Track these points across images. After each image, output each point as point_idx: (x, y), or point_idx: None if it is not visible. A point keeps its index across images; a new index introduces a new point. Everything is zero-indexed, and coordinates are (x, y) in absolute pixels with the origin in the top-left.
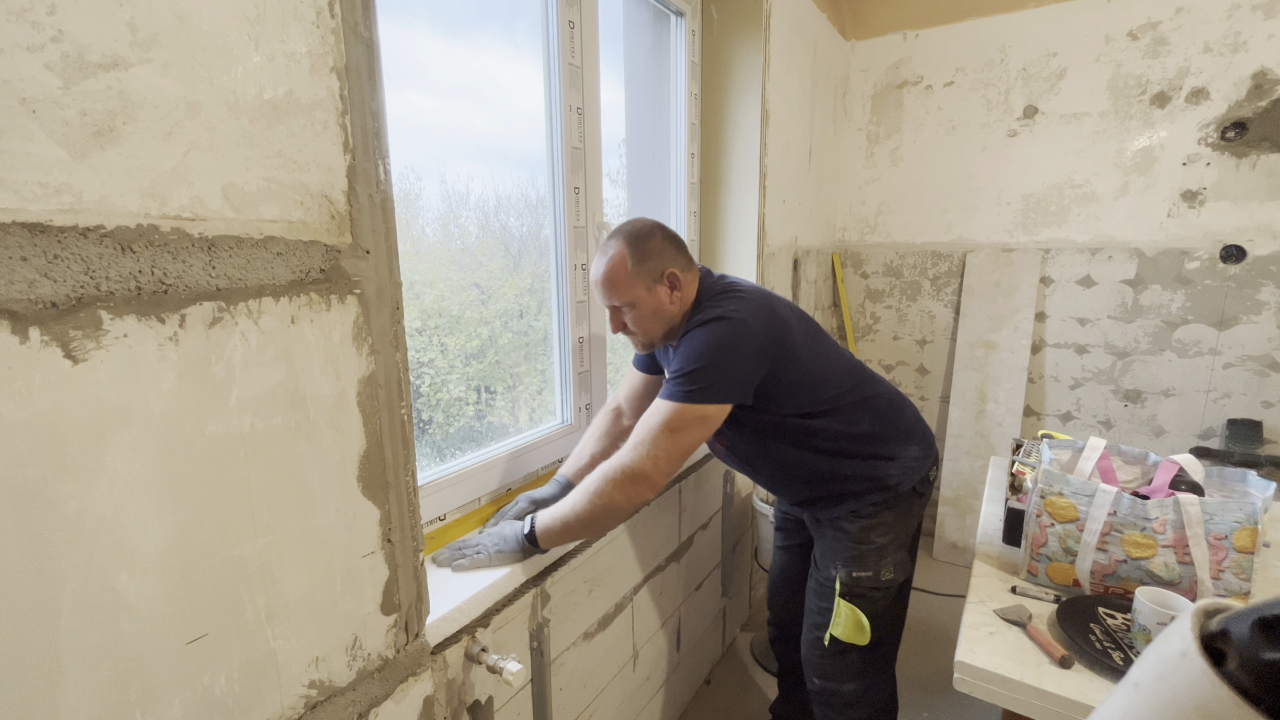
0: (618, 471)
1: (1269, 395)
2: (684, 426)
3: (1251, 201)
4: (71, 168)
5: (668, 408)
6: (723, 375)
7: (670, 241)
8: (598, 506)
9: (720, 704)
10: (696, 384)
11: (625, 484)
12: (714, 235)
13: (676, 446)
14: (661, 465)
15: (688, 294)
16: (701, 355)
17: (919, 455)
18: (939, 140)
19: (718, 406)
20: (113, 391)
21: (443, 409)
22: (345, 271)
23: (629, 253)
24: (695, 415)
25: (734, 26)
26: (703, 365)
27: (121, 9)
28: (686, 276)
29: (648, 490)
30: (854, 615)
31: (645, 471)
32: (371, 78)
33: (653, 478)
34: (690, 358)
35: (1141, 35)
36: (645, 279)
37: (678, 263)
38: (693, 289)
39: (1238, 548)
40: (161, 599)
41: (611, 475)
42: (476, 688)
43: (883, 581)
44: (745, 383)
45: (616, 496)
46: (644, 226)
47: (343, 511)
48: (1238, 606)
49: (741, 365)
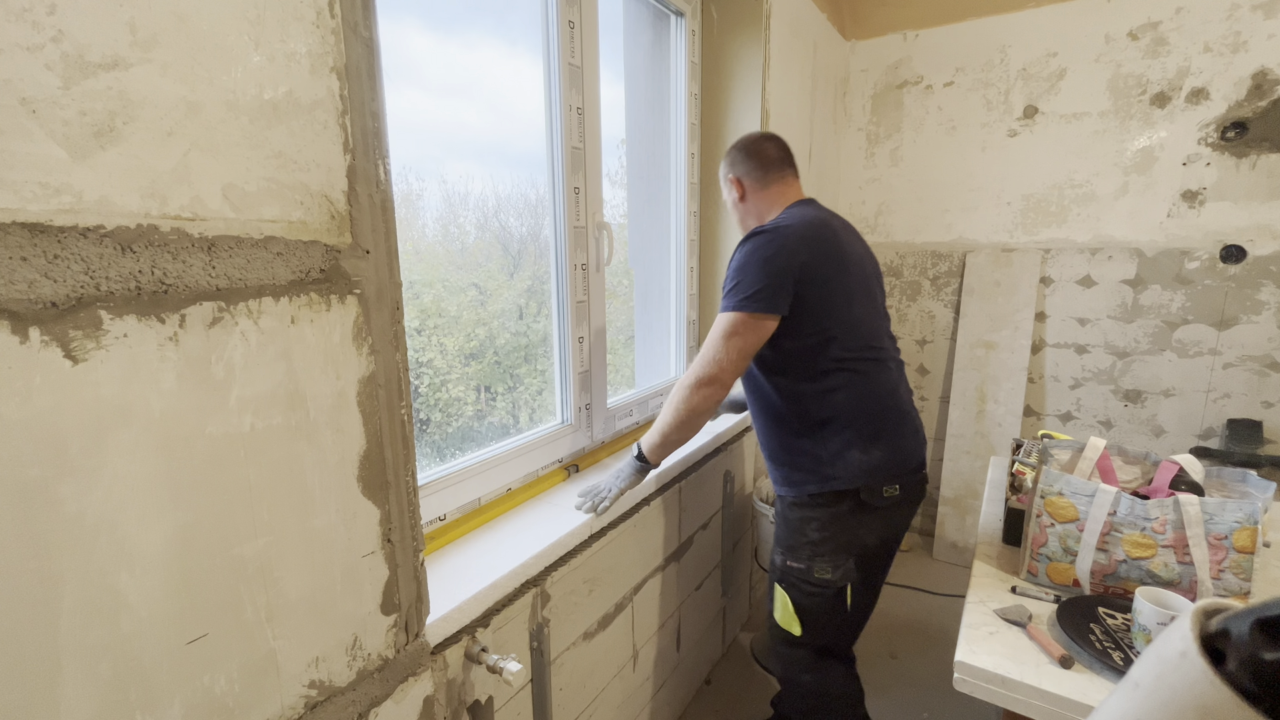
0: (692, 379)
1: (1269, 395)
2: (737, 332)
3: (1251, 201)
4: (71, 168)
5: (721, 318)
6: (759, 285)
7: (741, 150)
8: (683, 413)
9: (720, 704)
10: (739, 294)
11: (699, 388)
12: (714, 235)
13: (736, 349)
14: (726, 367)
15: (760, 205)
16: (740, 268)
17: (878, 465)
18: (939, 140)
19: (759, 316)
20: (113, 391)
21: (442, 409)
22: (345, 271)
23: (722, 159)
24: (743, 322)
25: (734, 26)
26: (741, 279)
27: (121, 9)
28: (751, 183)
29: (720, 390)
30: (785, 601)
31: (713, 375)
32: (371, 78)
33: (721, 378)
34: (731, 270)
35: (1141, 35)
36: (725, 179)
37: (745, 171)
38: (767, 200)
39: (1238, 548)
40: (161, 599)
41: (688, 383)
42: (476, 688)
43: (816, 579)
44: (779, 290)
45: (694, 401)
46: (743, 138)
47: (343, 511)
48: (1238, 606)
49: (772, 276)
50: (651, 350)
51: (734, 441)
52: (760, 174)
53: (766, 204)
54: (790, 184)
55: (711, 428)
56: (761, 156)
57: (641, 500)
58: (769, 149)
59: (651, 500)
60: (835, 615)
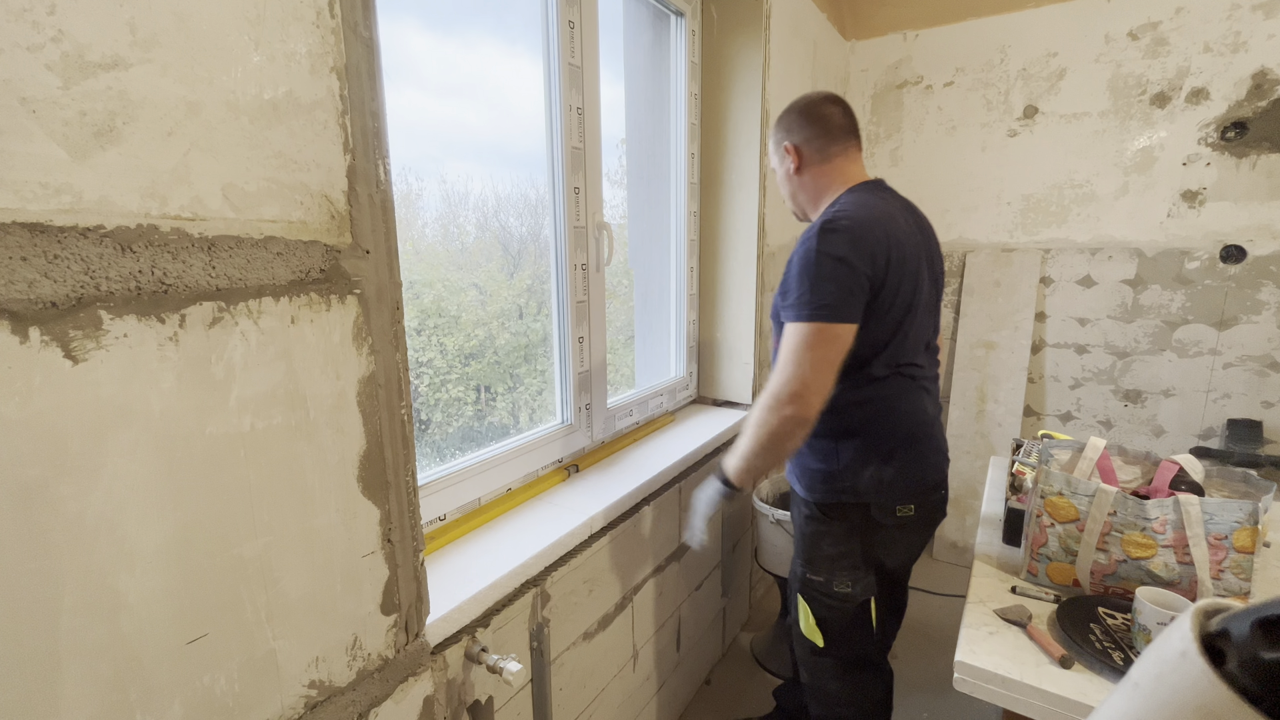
0: (771, 399)
1: (1269, 395)
2: (815, 344)
3: (1251, 201)
4: (71, 168)
5: (795, 329)
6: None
7: (800, 115)
8: (764, 438)
9: (720, 704)
10: (813, 302)
11: (781, 408)
12: (714, 235)
13: (819, 362)
14: (810, 383)
15: (818, 180)
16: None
17: (891, 482)
18: (939, 140)
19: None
20: (113, 391)
21: (442, 409)
22: (345, 271)
23: (776, 121)
24: (820, 333)
25: (734, 26)
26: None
27: (121, 9)
28: (810, 153)
29: (805, 409)
30: (807, 612)
31: (794, 392)
32: (371, 78)
33: (805, 396)
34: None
35: (1141, 35)
36: (775, 149)
37: (805, 138)
38: (827, 175)
39: (1238, 548)
40: (161, 599)
41: (767, 404)
42: (476, 688)
43: (836, 592)
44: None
45: (774, 423)
46: (798, 99)
47: (343, 511)
48: (1238, 606)
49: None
50: (651, 350)
51: (734, 441)
52: (822, 143)
53: (826, 179)
54: (853, 158)
55: (711, 427)
56: (825, 122)
57: (641, 500)
58: (833, 114)
59: (651, 500)
60: (858, 628)
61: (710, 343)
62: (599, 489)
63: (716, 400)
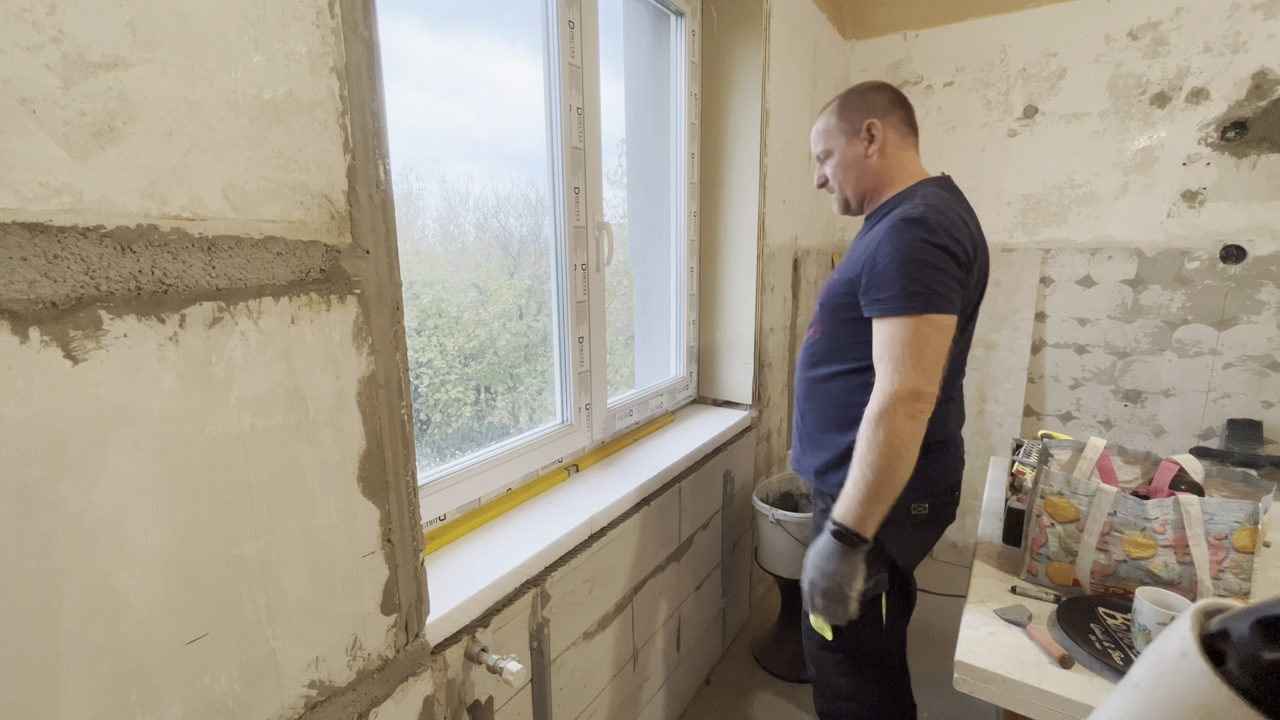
0: (886, 403)
1: (1269, 395)
2: (928, 339)
3: (1251, 201)
4: (71, 168)
5: (902, 323)
6: (940, 282)
7: (887, 99)
8: (886, 455)
9: (720, 704)
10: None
11: (901, 406)
12: (714, 235)
13: (934, 354)
14: (929, 373)
15: (893, 165)
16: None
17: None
18: (939, 140)
19: (946, 316)
20: (113, 391)
21: (442, 409)
22: (345, 271)
23: (838, 101)
24: (933, 326)
25: (734, 26)
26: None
27: (121, 9)
28: (895, 136)
29: (927, 405)
30: None
31: (915, 387)
32: (371, 78)
33: (925, 390)
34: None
35: (1141, 35)
36: (846, 129)
37: (893, 121)
38: (900, 162)
39: (1238, 548)
40: (161, 599)
41: (881, 410)
42: (476, 688)
43: None
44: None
45: (897, 423)
46: (864, 83)
47: (343, 511)
48: (1238, 606)
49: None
50: (651, 350)
51: (734, 441)
52: (905, 129)
53: (899, 166)
54: (917, 153)
55: (711, 427)
56: (905, 110)
57: (641, 500)
58: (907, 105)
59: (651, 500)
60: (867, 624)
61: (710, 343)
62: (599, 489)
63: (716, 400)
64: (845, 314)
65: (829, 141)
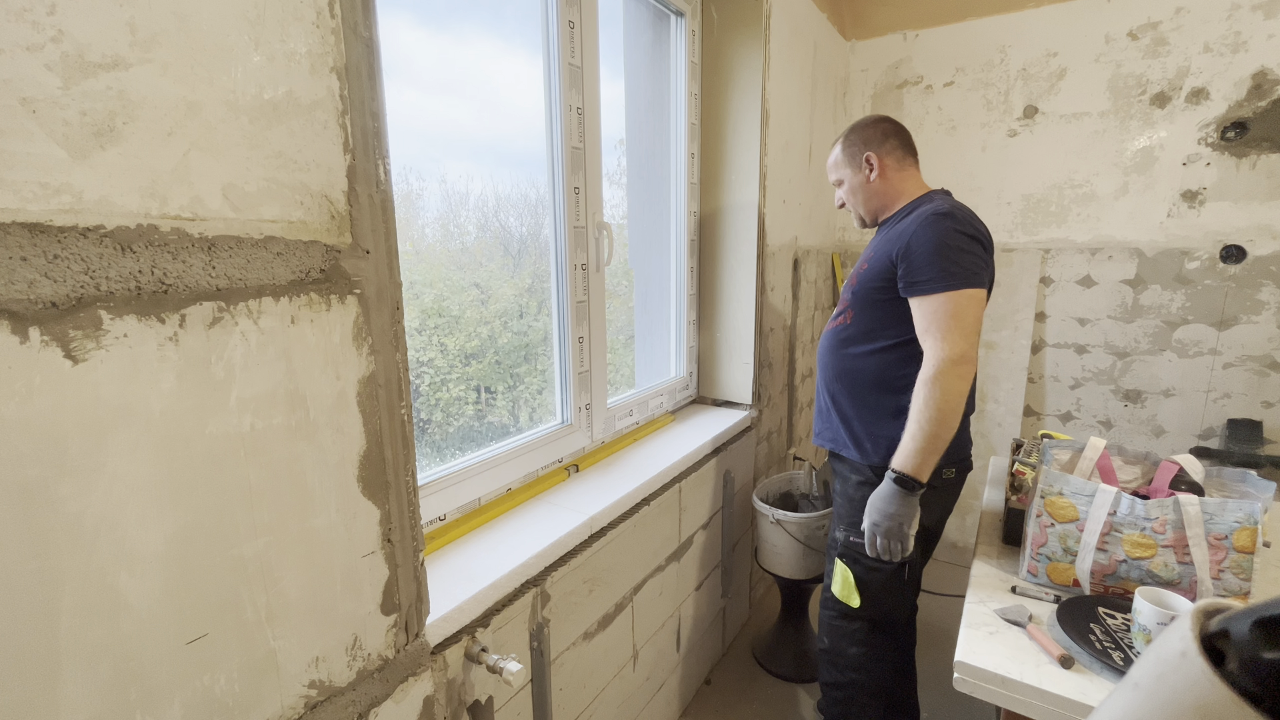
0: (938, 366)
1: (1269, 395)
2: (968, 310)
3: (1251, 201)
4: (71, 168)
5: (944, 299)
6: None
7: (881, 131)
8: (942, 410)
9: (720, 704)
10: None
11: (953, 368)
12: (714, 235)
13: (972, 323)
14: (973, 340)
15: (896, 186)
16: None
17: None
18: (939, 140)
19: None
20: (113, 391)
21: (442, 409)
22: (345, 271)
23: (842, 136)
24: (970, 298)
25: (734, 26)
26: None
27: (121, 9)
28: (893, 163)
29: (972, 367)
30: (846, 575)
31: (962, 351)
32: (371, 78)
33: (969, 354)
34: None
35: (1141, 35)
36: (850, 160)
37: (887, 150)
38: (902, 182)
39: (1238, 548)
40: (161, 599)
41: (935, 373)
42: (476, 688)
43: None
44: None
45: (951, 382)
46: (866, 118)
47: (343, 511)
48: (1238, 606)
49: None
50: (651, 350)
51: (734, 441)
52: (902, 154)
53: (902, 185)
54: (919, 171)
55: (711, 427)
56: (901, 137)
57: (641, 500)
58: (902, 133)
59: (651, 500)
60: (894, 589)
61: (710, 343)
62: (599, 489)
63: (716, 400)
64: (879, 297)
65: (839, 172)
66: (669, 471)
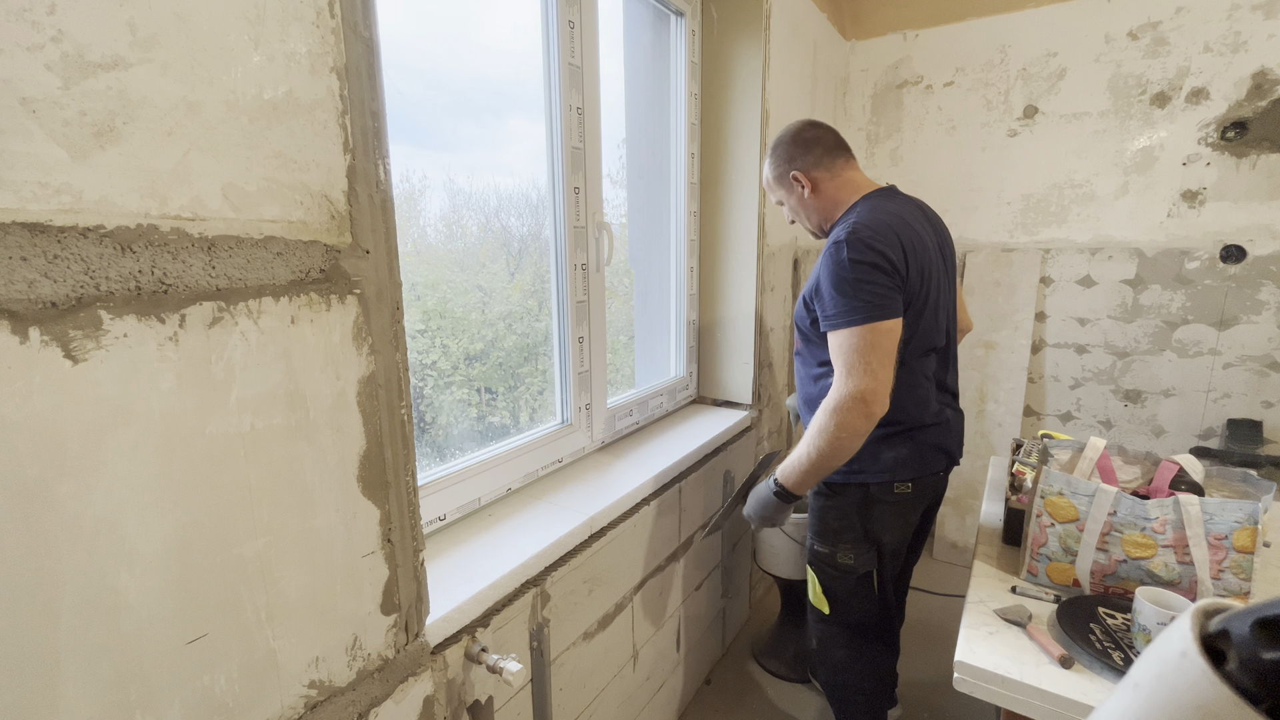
0: (842, 399)
1: (1269, 395)
2: (875, 345)
3: (1251, 201)
4: (71, 168)
5: (849, 333)
6: (876, 293)
7: (803, 144)
8: (831, 440)
9: (720, 704)
10: (861, 310)
11: (855, 405)
12: (714, 235)
13: (881, 358)
14: (881, 378)
15: (835, 195)
16: (847, 281)
17: (898, 463)
18: (939, 140)
19: (888, 322)
20: (113, 391)
21: (444, 410)
22: (345, 271)
23: (770, 159)
24: (875, 332)
25: (734, 26)
26: (854, 290)
27: (121, 9)
28: (821, 173)
29: (874, 406)
30: (814, 583)
31: (869, 389)
32: (371, 78)
33: (879, 391)
34: (832, 280)
35: (1141, 35)
36: (780, 180)
37: (811, 163)
38: (841, 189)
39: (1238, 548)
40: (161, 599)
41: (837, 405)
42: (476, 688)
43: (839, 563)
44: (894, 292)
45: (850, 419)
46: (785, 131)
47: (343, 511)
48: (1238, 606)
49: (883, 281)
50: (651, 350)
51: (734, 441)
52: (829, 162)
53: (840, 193)
54: (855, 168)
55: (711, 427)
56: (824, 145)
57: (641, 500)
58: (825, 134)
59: (651, 500)
60: (860, 597)
61: (710, 343)
62: (599, 489)
63: (716, 400)
64: (810, 329)
65: (776, 193)
66: (669, 471)
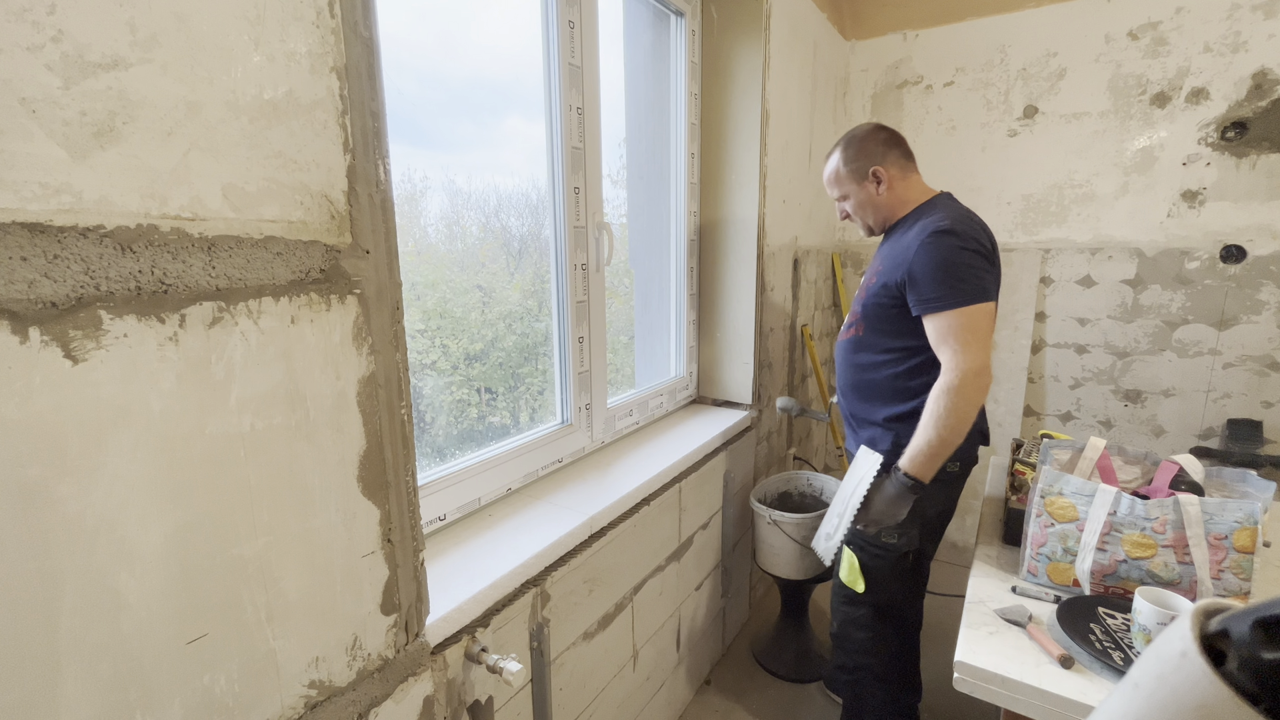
0: (958, 377)
1: (1269, 395)
2: (980, 325)
3: (1251, 201)
4: (71, 168)
5: (957, 314)
6: (977, 278)
7: (882, 143)
8: (956, 418)
9: (720, 704)
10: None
11: (972, 380)
12: (714, 235)
13: (985, 336)
14: (986, 355)
15: (904, 194)
16: (954, 265)
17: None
18: (939, 140)
19: (988, 304)
20: (113, 391)
21: (444, 410)
22: (345, 271)
23: (842, 154)
24: (981, 312)
25: (734, 26)
26: (960, 274)
27: (121, 9)
28: (897, 172)
29: (989, 378)
30: (852, 561)
31: (982, 364)
32: (371, 78)
33: (988, 365)
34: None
35: (1141, 35)
36: (855, 175)
37: (891, 160)
38: (909, 188)
39: (1238, 548)
40: (161, 599)
41: (953, 384)
42: (476, 688)
43: (882, 543)
44: (988, 279)
45: (971, 394)
46: (861, 130)
47: (343, 511)
48: (1238, 606)
49: (981, 268)
50: (651, 350)
51: (734, 441)
52: (904, 163)
53: (906, 193)
54: (919, 173)
55: (711, 427)
56: (901, 148)
57: (641, 500)
58: (901, 140)
59: (651, 500)
60: (897, 576)
61: (710, 343)
62: (599, 489)
63: (716, 400)
64: (886, 312)
65: (843, 187)
66: (669, 471)
